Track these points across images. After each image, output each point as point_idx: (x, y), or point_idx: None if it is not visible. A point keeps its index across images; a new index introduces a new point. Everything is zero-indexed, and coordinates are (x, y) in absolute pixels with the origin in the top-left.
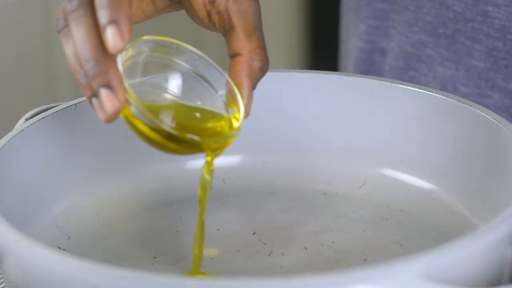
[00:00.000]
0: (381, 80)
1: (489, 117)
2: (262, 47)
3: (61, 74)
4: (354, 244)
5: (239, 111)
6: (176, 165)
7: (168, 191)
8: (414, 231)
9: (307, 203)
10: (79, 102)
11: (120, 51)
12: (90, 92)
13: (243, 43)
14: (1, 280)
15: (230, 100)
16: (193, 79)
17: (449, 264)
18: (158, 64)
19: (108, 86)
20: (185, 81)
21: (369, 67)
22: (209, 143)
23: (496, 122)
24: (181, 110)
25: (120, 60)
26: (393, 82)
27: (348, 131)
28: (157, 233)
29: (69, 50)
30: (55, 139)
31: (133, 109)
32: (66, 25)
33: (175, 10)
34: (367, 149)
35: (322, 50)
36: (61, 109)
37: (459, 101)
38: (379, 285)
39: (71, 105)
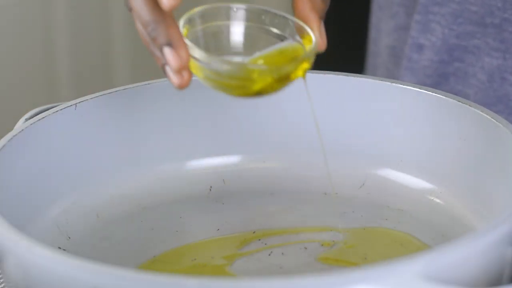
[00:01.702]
0: (381, 80)
1: (489, 117)
2: None
3: (61, 74)
4: (354, 244)
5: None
6: (176, 165)
7: (168, 191)
8: (414, 231)
9: (307, 203)
10: (79, 102)
11: (174, 6)
12: (161, 61)
13: None
14: (1, 280)
15: (303, 39)
16: (259, 33)
17: (449, 264)
18: (218, 30)
19: (169, 44)
20: (250, 36)
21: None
22: (286, 67)
23: (496, 122)
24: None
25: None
26: (393, 82)
27: (348, 131)
28: (157, 233)
29: (138, 25)
30: (55, 139)
31: (200, 63)
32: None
33: None
34: (367, 149)
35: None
36: (61, 109)
37: (459, 101)
38: (379, 285)
39: (71, 105)
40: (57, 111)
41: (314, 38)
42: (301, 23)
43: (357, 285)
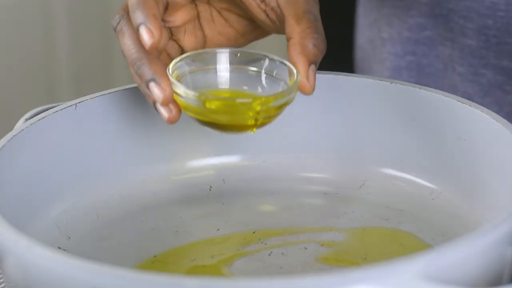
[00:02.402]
0: (381, 80)
1: (489, 117)
2: (312, 27)
3: (61, 74)
4: (354, 244)
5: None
6: (176, 165)
7: (168, 191)
8: (414, 231)
9: (307, 203)
10: (79, 102)
11: (154, 46)
12: (151, 99)
13: (293, 28)
14: (1, 280)
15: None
16: (251, 76)
17: (449, 264)
18: (206, 73)
19: (154, 79)
20: (238, 78)
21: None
22: (257, 102)
23: (496, 122)
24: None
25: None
26: (393, 82)
27: (348, 131)
28: (157, 233)
29: (130, 69)
30: (55, 139)
31: (183, 99)
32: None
33: (255, 32)
34: (367, 149)
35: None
36: (61, 109)
37: (459, 101)
38: (379, 285)
39: (71, 105)
40: (57, 111)
41: (296, 76)
42: (292, 67)
43: (357, 285)
